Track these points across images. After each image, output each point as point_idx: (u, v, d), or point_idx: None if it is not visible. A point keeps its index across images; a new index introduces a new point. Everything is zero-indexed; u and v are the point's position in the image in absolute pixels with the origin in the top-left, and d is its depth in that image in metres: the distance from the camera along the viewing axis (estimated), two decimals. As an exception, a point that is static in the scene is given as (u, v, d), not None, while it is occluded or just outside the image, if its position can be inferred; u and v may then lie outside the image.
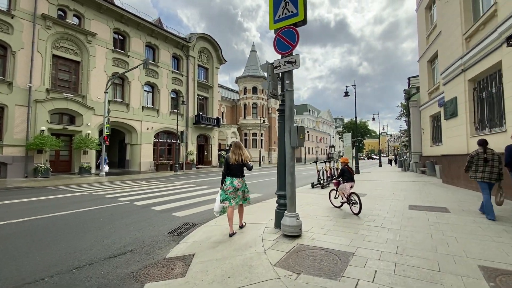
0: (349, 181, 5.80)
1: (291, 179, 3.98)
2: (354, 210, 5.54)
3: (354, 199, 5.56)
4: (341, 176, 6.01)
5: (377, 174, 18.00)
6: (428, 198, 7.48)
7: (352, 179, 5.84)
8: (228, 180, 4.41)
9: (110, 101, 19.92)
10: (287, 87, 4.09)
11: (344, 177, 5.90)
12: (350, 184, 5.78)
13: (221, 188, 4.51)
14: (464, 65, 9.42)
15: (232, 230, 4.28)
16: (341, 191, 5.97)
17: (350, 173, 5.90)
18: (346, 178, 5.85)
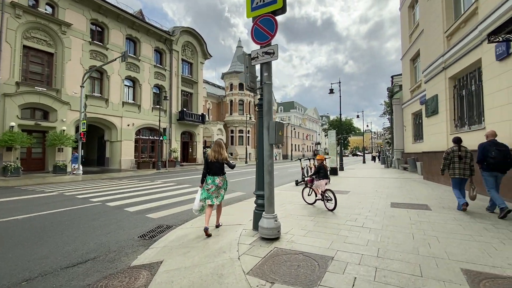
0: (324, 178, 5.85)
1: (269, 178, 3.73)
2: (329, 207, 5.58)
3: (329, 195, 5.64)
4: (317, 173, 6.00)
5: (361, 170, 18.20)
6: (409, 195, 7.48)
7: (327, 176, 5.93)
8: (210, 179, 4.38)
9: (88, 96, 18.97)
10: (266, 79, 3.82)
11: (319, 174, 5.93)
12: (325, 180, 5.85)
13: (201, 187, 4.47)
14: (445, 63, 9.52)
15: (208, 224, 4.19)
16: (316, 188, 5.98)
17: (325, 171, 6.00)
18: (322, 175, 5.89)
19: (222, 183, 4.42)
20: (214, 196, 4.37)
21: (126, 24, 21.81)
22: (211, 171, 4.38)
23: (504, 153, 4.85)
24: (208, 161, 4.39)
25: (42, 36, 16.97)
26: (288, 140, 54.30)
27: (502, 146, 4.96)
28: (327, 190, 5.75)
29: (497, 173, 4.98)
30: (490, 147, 4.98)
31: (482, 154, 5.06)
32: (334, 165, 14.64)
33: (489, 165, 4.94)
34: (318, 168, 6.03)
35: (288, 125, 55.49)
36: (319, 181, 5.91)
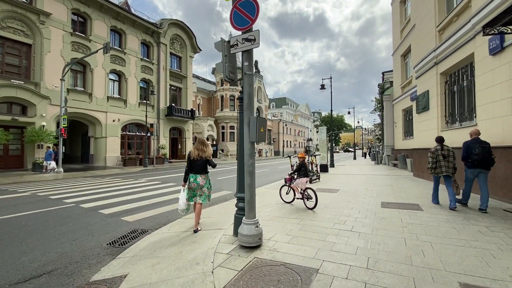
0: (305, 176, 5.79)
1: (250, 179, 3.37)
2: (309, 205, 5.53)
3: (309, 194, 5.55)
4: (297, 171, 5.89)
5: (351, 167, 18.09)
6: (400, 193, 7.27)
7: (307, 174, 5.89)
8: (192, 178, 4.34)
9: (70, 90, 18.13)
10: (246, 70, 3.43)
11: (300, 172, 5.83)
12: (306, 179, 5.79)
13: (184, 186, 4.42)
14: (437, 58, 9.32)
15: (196, 226, 4.30)
16: (296, 186, 5.86)
17: (306, 169, 5.95)
18: (302, 173, 5.81)
19: (204, 181, 4.35)
20: (199, 194, 4.36)
21: (111, 15, 20.86)
22: (193, 169, 4.32)
23: (487, 150, 5.02)
24: (191, 159, 4.31)
25: (19, 26, 15.99)
26: (280, 137, 54.10)
27: (485, 143, 5.12)
28: (307, 188, 5.65)
29: (480, 170, 5.11)
30: (474, 145, 5.13)
31: (466, 152, 5.23)
32: (324, 162, 14.41)
33: (473, 161, 5.09)
34: (300, 166, 5.88)
35: (280, 121, 55.24)
36: (300, 179, 5.78)
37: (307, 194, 5.60)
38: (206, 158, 4.37)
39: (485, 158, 4.99)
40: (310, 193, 5.56)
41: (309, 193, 5.57)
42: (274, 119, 56.25)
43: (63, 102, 15.53)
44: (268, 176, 13.48)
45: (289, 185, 6.21)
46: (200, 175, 4.31)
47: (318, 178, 10.60)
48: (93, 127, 20.23)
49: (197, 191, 4.35)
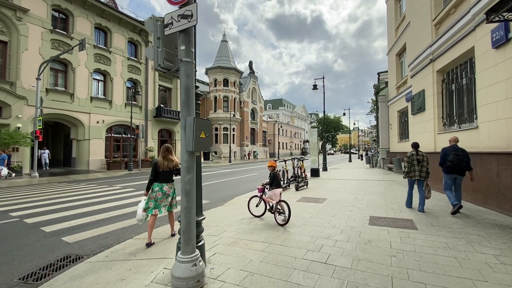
0: (278, 187, 5.19)
1: (186, 201, 2.54)
2: (279, 221, 4.89)
3: (281, 208, 4.93)
4: (272, 182, 5.24)
5: (344, 171, 17.30)
6: (392, 204, 6.47)
7: (280, 185, 5.32)
8: (157, 186, 4.12)
9: (49, 90, 17.21)
10: (183, 56, 2.61)
11: (274, 182, 5.22)
12: (280, 190, 5.19)
13: (146, 195, 4.16)
14: (433, 55, 8.57)
15: (150, 239, 4.05)
16: (269, 197, 5.20)
17: (278, 179, 5.37)
18: (276, 183, 5.22)
19: (170, 190, 4.22)
20: (163, 204, 4.14)
21: (95, 12, 19.97)
22: (159, 179, 4.13)
23: (460, 158, 5.29)
24: (159, 170, 4.10)
25: (-7, 22, 15.07)
26: (275, 138, 53.32)
27: (460, 151, 5.38)
28: (281, 201, 4.99)
29: (456, 175, 5.41)
30: (449, 152, 5.43)
31: (442, 158, 5.53)
32: (315, 166, 13.62)
33: (448, 167, 5.39)
34: (272, 177, 5.22)
35: (275, 123, 54.48)
36: (272, 191, 5.12)
37: (279, 208, 4.93)
38: (174, 167, 4.22)
39: (458, 164, 5.29)
40: (283, 206, 4.92)
41: (282, 207, 4.93)
42: (269, 121, 55.48)
43: (39, 102, 14.61)
44: (255, 182, 12.64)
45: (261, 196, 5.50)
46: (167, 184, 4.15)
47: (306, 184, 9.79)
48: (75, 129, 19.27)
49: (161, 201, 4.11)
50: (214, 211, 6.37)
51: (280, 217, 4.89)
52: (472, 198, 6.46)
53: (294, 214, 5.61)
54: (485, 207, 5.91)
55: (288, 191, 8.91)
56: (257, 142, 46.78)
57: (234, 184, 11.78)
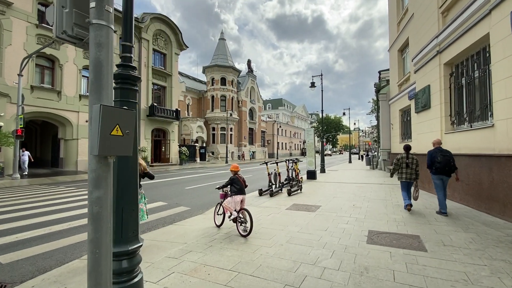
0: (239, 194, 4.62)
1: (93, 231, 1.71)
2: (242, 231, 4.40)
3: (243, 217, 4.45)
4: (229, 186, 4.74)
5: (343, 173, 16.47)
6: (395, 214, 5.64)
7: (242, 191, 4.68)
8: None
9: (34, 87, 16.43)
10: (94, 16, 1.80)
11: (232, 188, 4.69)
12: (241, 197, 4.62)
13: None
14: (440, 46, 7.74)
15: None
16: (228, 205, 4.60)
17: (241, 184, 4.71)
18: (236, 189, 4.64)
19: (141, 196, 3.98)
20: None
21: (84, 7, 19.17)
22: None
23: (447, 158, 5.49)
24: None
25: (-27, 15, 14.32)
26: (274, 139, 52.49)
27: (446, 152, 5.60)
28: (242, 209, 4.52)
29: (443, 176, 5.60)
30: (436, 154, 5.62)
31: (430, 160, 5.73)
32: (312, 168, 12.79)
33: (437, 169, 5.56)
34: (231, 180, 4.71)
35: (274, 123, 53.66)
36: (232, 198, 4.60)
37: (241, 217, 4.45)
38: (142, 172, 3.93)
39: (446, 165, 5.48)
40: (244, 215, 4.44)
41: (244, 216, 4.44)
42: (268, 121, 54.66)
43: (20, 100, 13.83)
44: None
45: (221, 203, 4.90)
46: None
47: (300, 189, 8.96)
48: (63, 128, 18.48)
49: None
50: (190, 222, 5.57)
51: (242, 227, 4.41)
52: (487, 208, 5.63)
53: (279, 226, 4.80)
54: (504, 219, 5.08)
55: (279, 197, 8.09)
56: (255, 142, 45.96)
57: (223, 188, 10.96)
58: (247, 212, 4.43)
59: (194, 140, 33.79)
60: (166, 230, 4.93)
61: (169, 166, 24.50)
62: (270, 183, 8.79)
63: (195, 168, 23.27)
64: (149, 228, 5.32)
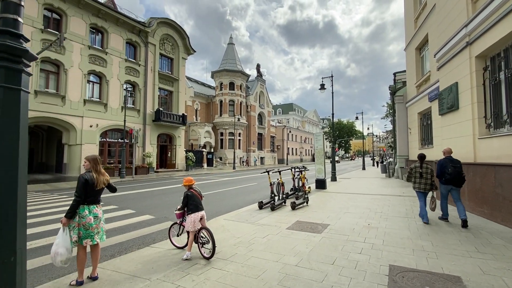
0: (197, 210, 3.97)
1: None
2: (205, 253, 3.87)
3: (204, 236, 3.92)
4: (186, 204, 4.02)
5: (356, 181, 15.21)
6: (422, 239, 4.52)
7: (200, 207, 4.02)
8: (86, 210, 3.21)
9: (38, 92, 16.29)
10: None
11: (189, 206, 3.99)
12: (201, 214, 3.99)
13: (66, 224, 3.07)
14: (470, 36, 6.61)
15: (82, 277, 3.17)
16: (190, 225, 3.89)
17: (198, 199, 4.07)
18: (194, 206, 3.96)
19: (101, 212, 3.43)
20: (96, 232, 3.27)
21: (90, 12, 19.12)
22: (88, 199, 3.26)
23: (458, 170, 5.35)
24: (96, 189, 3.28)
25: (-21, 20, 14.32)
26: (284, 144, 51.33)
27: (456, 162, 5.46)
28: (202, 228, 3.94)
29: (451, 187, 5.50)
30: (446, 164, 5.49)
31: (440, 170, 5.60)
32: (321, 176, 11.70)
33: (446, 180, 5.46)
34: (187, 198, 4.00)
35: (284, 128, 52.56)
36: (190, 217, 3.93)
37: (203, 236, 3.92)
38: (106, 184, 3.44)
39: (456, 177, 5.34)
40: (205, 235, 3.91)
41: (205, 235, 3.91)
42: (278, 126, 53.65)
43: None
44: (249, 195, 10.87)
45: (181, 222, 4.27)
46: (96, 205, 3.36)
47: (306, 201, 7.91)
48: (67, 133, 18.25)
49: (92, 228, 3.21)
50: (170, 244, 4.67)
51: (204, 249, 3.89)
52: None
53: (274, 256, 3.82)
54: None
55: (282, 211, 7.09)
56: (264, 148, 44.98)
57: (222, 198, 10.07)
58: (207, 232, 3.86)
59: (201, 146, 33.26)
60: (137, 255, 4.06)
61: (175, 172, 23.92)
62: (272, 194, 7.81)
63: (200, 174, 22.55)
64: (120, 251, 4.48)
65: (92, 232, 3.22)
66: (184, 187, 4.13)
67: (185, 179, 4.18)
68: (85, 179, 3.19)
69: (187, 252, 3.87)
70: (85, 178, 3.19)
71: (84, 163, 3.42)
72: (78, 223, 3.16)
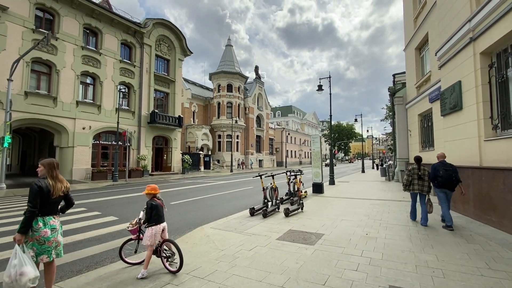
0: (159, 223, 3.54)
1: None
2: (171, 267, 3.50)
3: (168, 249, 3.61)
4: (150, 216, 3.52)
5: (355, 185, 14.74)
6: (426, 252, 4.06)
7: (163, 218, 3.59)
8: (40, 222, 2.76)
9: (28, 93, 15.87)
10: None
11: (153, 217, 3.51)
12: (162, 226, 3.57)
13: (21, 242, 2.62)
14: (474, 32, 6.20)
15: None
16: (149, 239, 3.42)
17: (163, 209, 3.63)
18: (157, 217, 3.52)
19: (58, 224, 2.93)
20: (53, 246, 2.82)
21: (84, 12, 18.76)
22: (45, 209, 2.80)
23: (450, 173, 5.48)
24: (52, 197, 2.82)
25: (-33, 20, 13.95)
26: (283, 146, 50.89)
27: (449, 166, 5.62)
28: (166, 241, 3.58)
29: (445, 190, 5.59)
30: (439, 168, 5.65)
31: (433, 174, 5.74)
32: (318, 180, 11.24)
33: (439, 183, 5.60)
34: (151, 207, 3.50)
35: (283, 130, 52.16)
36: (151, 229, 3.46)
37: (166, 250, 3.58)
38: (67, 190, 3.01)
39: (448, 180, 5.47)
40: (170, 247, 3.60)
41: (170, 247, 3.61)
42: (277, 128, 53.24)
43: (8, 106, 13.17)
44: (243, 199, 10.41)
45: (137, 237, 3.74)
46: (53, 216, 2.90)
47: (301, 207, 7.45)
48: (58, 135, 17.79)
49: (49, 242, 2.79)
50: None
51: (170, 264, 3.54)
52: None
53: (259, 273, 3.35)
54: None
55: (274, 218, 6.63)
56: (263, 150, 44.52)
57: (214, 203, 9.60)
58: (172, 244, 3.50)
59: (199, 148, 32.81)
60: (107, 271, 3.58)
61: (170, 175, 23.43)
62: (265, 200, 7.36)
63: (196, 177, 22.07)
64: (90, 265, 4.01)
65: (49, 247, 2.79)
66: (146, 196, 3.62)
67: (149, 186, 3.66)
68: (39, 186, 2.75)
69: (143, 270, 3.40)
70: (38, 185, 2.75)
71: (38, 168, 2.97)
72: (31, 237, 2.72)
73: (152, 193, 3.58)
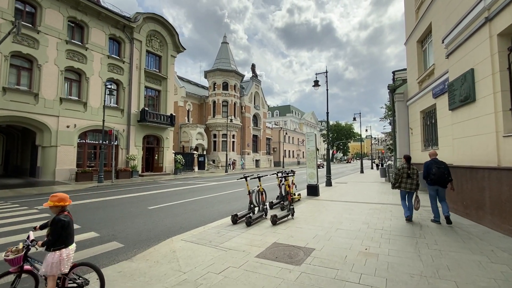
0: (71, 243, 2.63)
1: None
2: None
3: (79, 276, 2.72)
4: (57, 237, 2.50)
5: (353, 187, 13.87)
6: (441, 278, 3.18)
7: (68, 241, 2.58)
8: None
9: (7, 89, 14.94)
10: None
11: (62, 238, 2.51)
12: (74, 248, 2.66)
13: None
14: (490, 10, 5.33)
15: None
16: (56, 266, 2.45)
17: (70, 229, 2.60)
18: (70, 237, 2.60)
19: None
20: None
21: (68, 4, 17.79)
22: None
23: (442, 170, 5.73)
24: None
25: None
26: (281, 146, 50.01)
27: (441, 164, 5.86)
28: (77, 266, 2.70)
29: (437, 187, 5.84)
30: (432, 165, 5.89)
31: (426, 171, 5.96)
32: (313, 181, 10.37)
33: (431, 180, 5.84)
34: (62, 226, 2.50)
35: (280, 130, 51.28)
36: (60, 252, 2.50)
37: (75, 278, 2.69)
38: None
39: (440, 177, 5.71)
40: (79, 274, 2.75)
41: (78, 275, 2.72)
42: (274, 127, 52.35)
43: (-20, 101, 12.23)
44: (230, 203, 9.52)
45: (18, 271, 2.53)
46: None
47: (292, 214, 6.56)
48: (40, 134, 16.84)
49: None
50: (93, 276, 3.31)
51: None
52: None
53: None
54: None
55: (260, 226, 5.74)
56: (260, 150, 43.62)
57: (197, 207, 8.68)
58: (91, 267, 2.77)
59: (193, 148, 31.89)
60: None
61: (162, 175, 22.50)
62: (251, 205, 6.48)
63: (188, 178, 21.15)
64: None
65: None
66: (51, 210, 2.58)
67: (57, 196, 2.61)
68: None
69: None
70: None
71: None
72: None
73: (62, 205, 2.59)
